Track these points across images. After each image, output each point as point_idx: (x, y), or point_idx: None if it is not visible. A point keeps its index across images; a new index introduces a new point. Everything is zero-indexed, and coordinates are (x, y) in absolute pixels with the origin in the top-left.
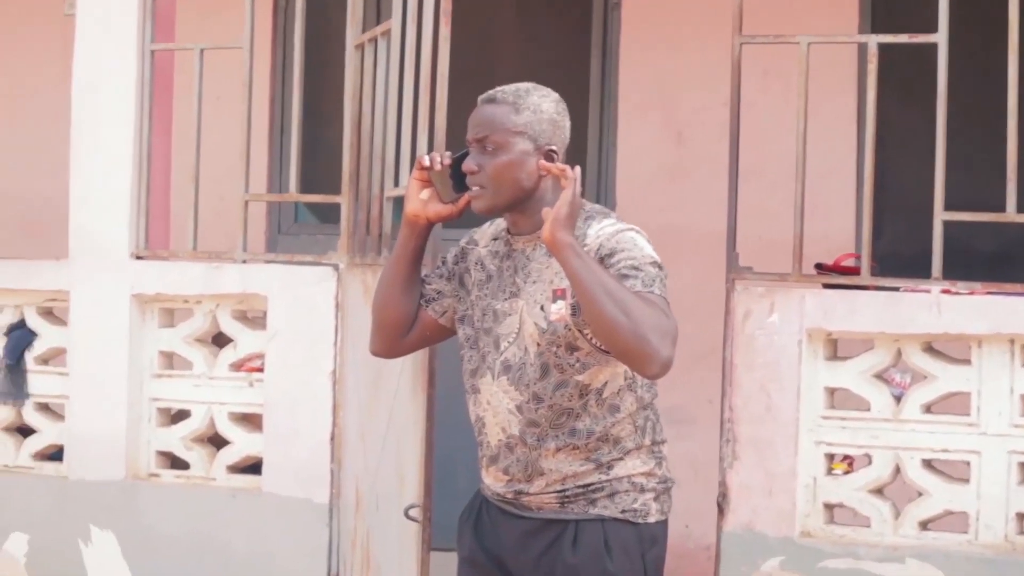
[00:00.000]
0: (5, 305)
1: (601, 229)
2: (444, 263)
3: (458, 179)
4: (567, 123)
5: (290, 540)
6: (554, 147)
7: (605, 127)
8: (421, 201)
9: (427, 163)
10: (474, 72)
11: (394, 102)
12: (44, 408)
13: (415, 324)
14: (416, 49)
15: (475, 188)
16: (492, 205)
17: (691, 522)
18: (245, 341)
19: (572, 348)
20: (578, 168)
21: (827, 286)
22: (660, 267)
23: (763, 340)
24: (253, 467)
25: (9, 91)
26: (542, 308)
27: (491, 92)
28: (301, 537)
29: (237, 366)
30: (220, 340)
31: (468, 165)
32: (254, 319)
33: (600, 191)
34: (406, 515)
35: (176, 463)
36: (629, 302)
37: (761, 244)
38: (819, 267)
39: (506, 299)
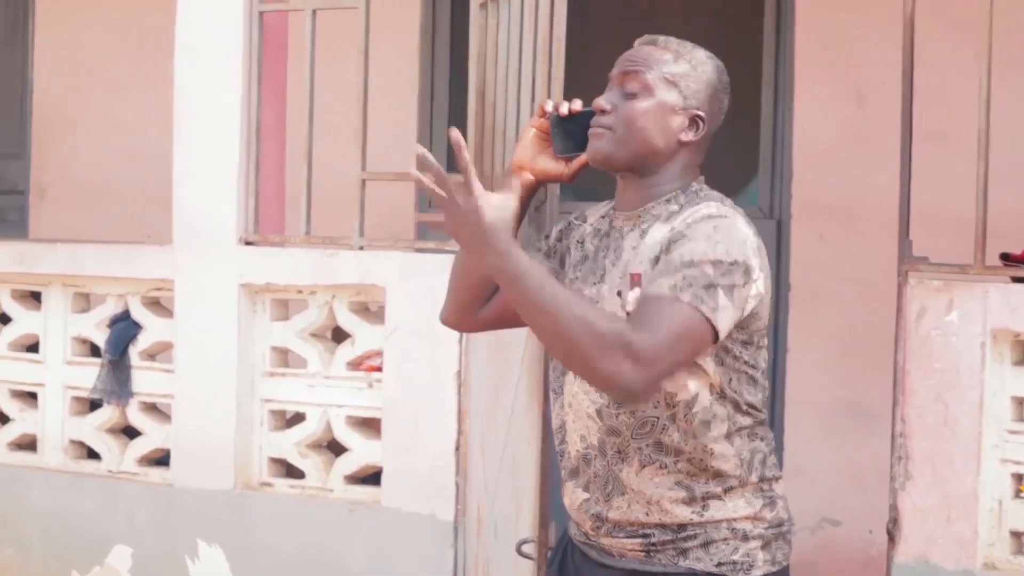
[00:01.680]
0: (108, 294)
1: (697, 211)
2: (547, 238)
3: (581, 139)
4: (726, 99)
5: (412, 560)
6: (702, 113)
7: (780, 87)
8: (531, 152)
9: (549, 108)
10: (634, 27)
11: (515, 69)
12: (150, 408)
13: (494, 299)
14: (535, 7)
15: (598, 129)
16: (612, 154)
17: (875, 527)
18: (364, 337)
19: None
20: (455, 131)
21: (1016, 279)
22: (728, 269)
23: (940, 342)
24: (373, 476)
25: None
26: (619, 294)
27: (653, 35)
28: (424, 557)
29: (355, 364)
30: (341, 335)
31: (599, 102)
32: (378, 311)
33: (775, 158)
34: (519, 551)
35: (291, 471)
36: (570, 317)
37: (947, 221)
38: (1005, 257)
39: (595, 283)
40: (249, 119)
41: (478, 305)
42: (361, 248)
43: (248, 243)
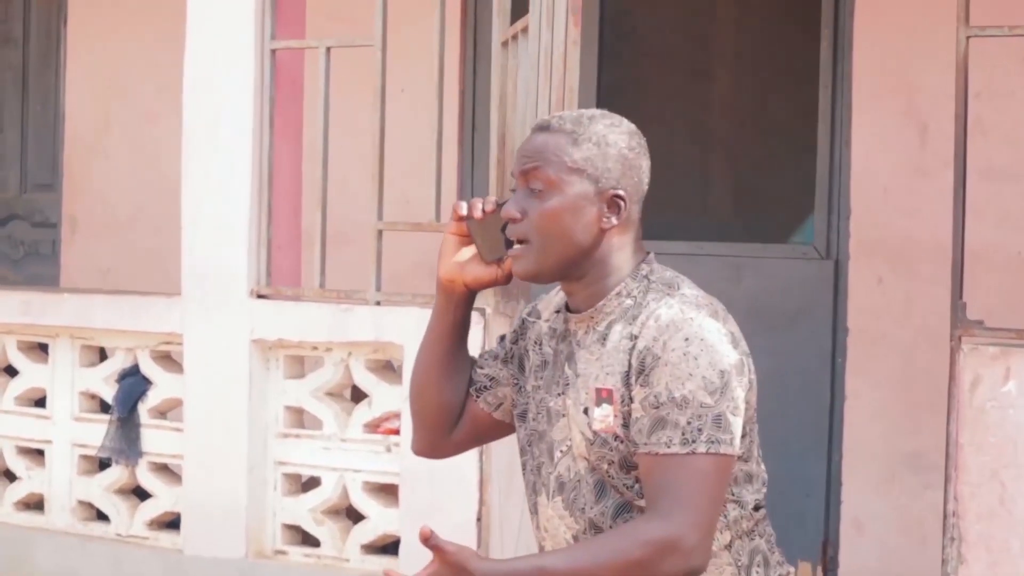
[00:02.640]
0: (117, 347)
1: (655, 316)
2: (503, 340)
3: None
4: (645, 163)
5: None
6: (621, 192)
7: (837, 118)
8: (457, 262)
9: (464, 211)
10: (688, 56)
11: (532, 113)
12: (161, 468)
13: (463, 417)
14: (550, 51)
15: (515, 247)
16: (537, 267)
17: None
18: (381, 397)
19: (628, 466)
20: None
21: None
22: (724, 386)
23: (996, 414)
24: (392, 546)
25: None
26: (586, 412)
27: (546, 118)
28: None
29: (373, 426)
30: (360, 394)
31: (508, 210)
32: (397, 369)
33: (832, 194)
34: None
35: (306, 538)
36: (606, 569)
37: (1014, 263)
38: None
39: (558, 394)
40: (260, 162)
41: (447, 430)
42: (378, 303)
43: (260, 296)
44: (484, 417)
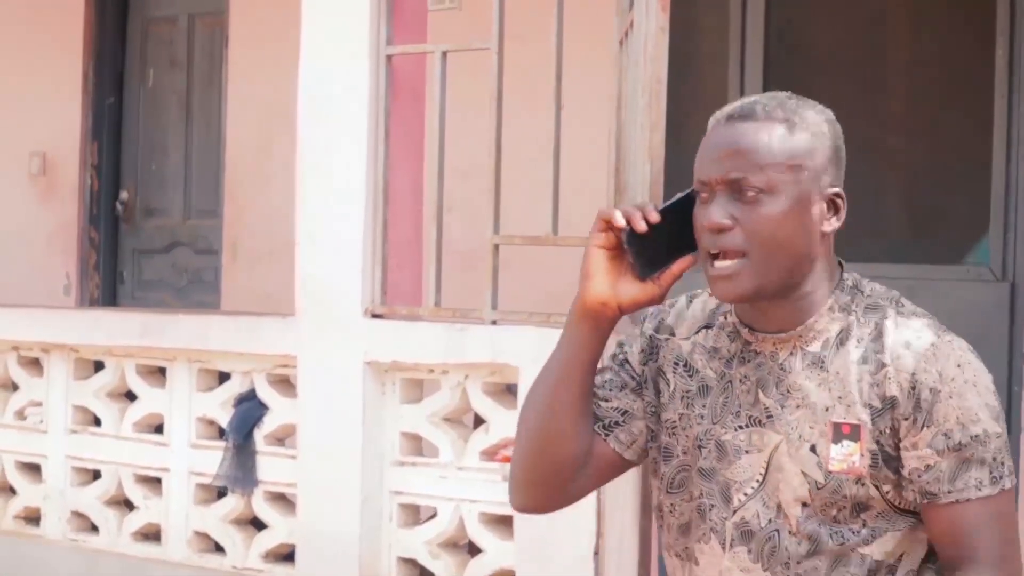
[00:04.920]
0: (234, 371)
1: (904, 342)
2: (625, 364)
3: (664, 244)
4: (843, 151)
5: None
6: (839, 189)
7: (1014, 132)
8: (607, 280)
9: (620, 222)
10: (858, 68)
11: (638, 112)
12: (277, 498)
13: (589, 460)
14: (644, 43)
15: (724, 263)
16: (757, 284)
17: None
18: (498, 422)
19: (860, 508)
20: None
21: None
22: (1000, 405)
23: None
24: None
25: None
26: (814, 449)
27: (741, 104)
28: None
29: (489, 454)
30: (480, 418)
31: (714, 218)
32: (517, 392)
33: (1008, 212)
34: None
35: (423, 573)
36: None
37: None
38: None
39: (743, 427)
40: (376, 176)
41: (573, 479)
42: (494, 322)
43: (375, 316)
44: (613, 459)
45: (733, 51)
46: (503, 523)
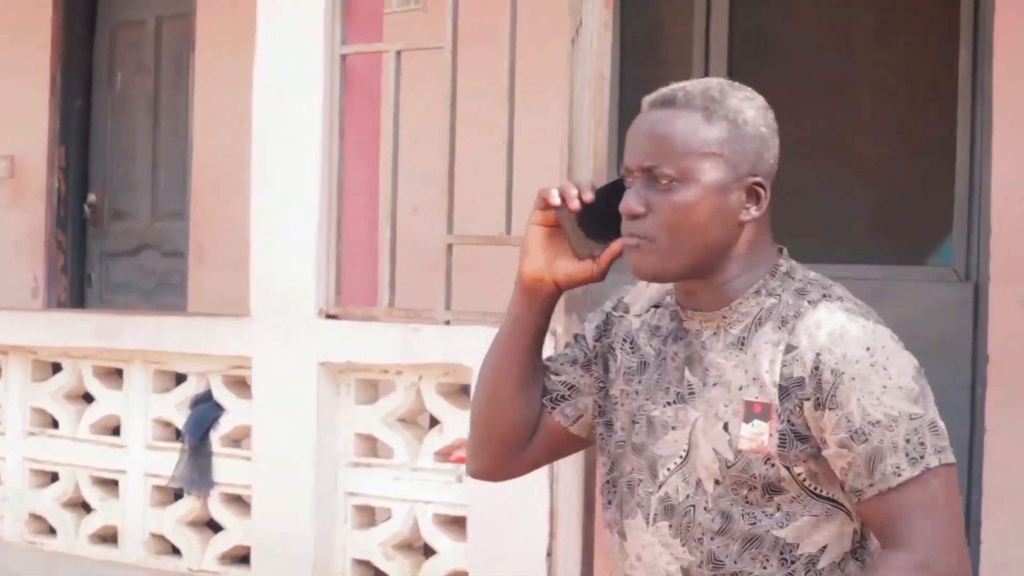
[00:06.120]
0: (190, 372)
1: (817, 322)
2: (580, 340)
3: (601, 224)
4: (777, 141)
5: None
6: (760, 179)
7: (977, 133)
8: (546, 257)
9: (555, 200)
10: (823, 71)
11: (586, 110)
12: (233, 500)
13: (538, 432)
14: (591, 40)
15: (633, 240)
16: (663, 267)
17: None
18: (453, 423)
19: (772, 490)
20: None
21: None
22: (922, 388)
23: None
24: None
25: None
26: (726, 428)
27: (665, 91)
28: None
29: (443, 455)
30: (436, 420)
31: (629, 204)
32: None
33: (972, 213)
34: None
35: (378, 574)
36: None
37: None
38: None
39: (670, 403)
40: (330, 176)
41: (519, 449)
42: (447, 322)
43: (329, 316)
44: (559, 432)
45: (697, 56)
46: (457, 524)
